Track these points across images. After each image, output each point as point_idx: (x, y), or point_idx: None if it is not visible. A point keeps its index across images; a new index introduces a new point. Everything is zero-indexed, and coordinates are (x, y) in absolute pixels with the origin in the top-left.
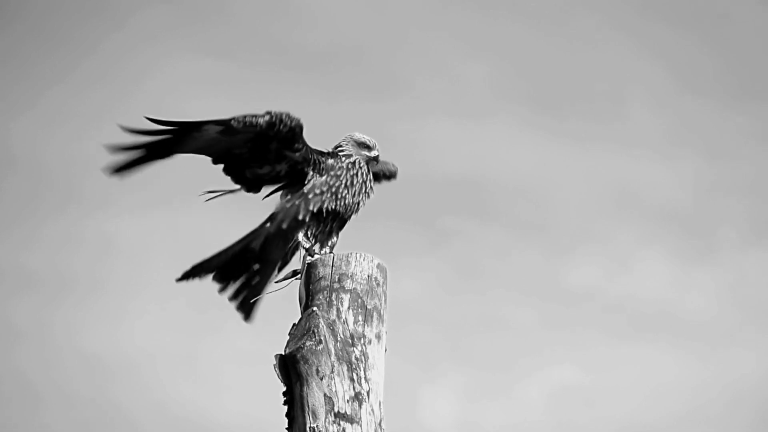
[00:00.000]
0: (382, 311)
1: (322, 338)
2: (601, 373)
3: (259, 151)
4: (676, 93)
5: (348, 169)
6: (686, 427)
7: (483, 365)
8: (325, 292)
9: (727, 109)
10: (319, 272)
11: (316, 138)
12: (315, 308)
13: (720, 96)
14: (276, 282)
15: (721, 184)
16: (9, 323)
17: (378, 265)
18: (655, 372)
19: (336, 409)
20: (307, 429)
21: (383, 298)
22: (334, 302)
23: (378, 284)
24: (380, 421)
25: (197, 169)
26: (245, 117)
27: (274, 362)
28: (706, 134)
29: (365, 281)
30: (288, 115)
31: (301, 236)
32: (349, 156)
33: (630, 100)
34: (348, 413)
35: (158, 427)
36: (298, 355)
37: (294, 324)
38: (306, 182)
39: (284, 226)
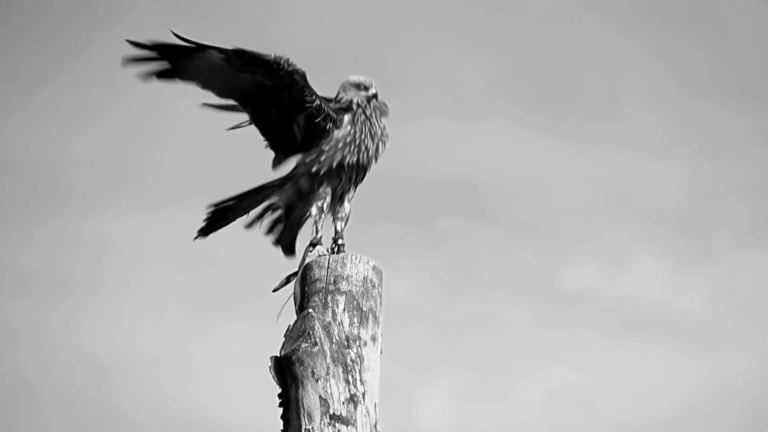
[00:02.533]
0: (377, 313)
1: (317, 340)
2: (597, 373)
3: (275, 102)
4: (673, 93)
5: (366, 119)
6: (681, 426)
7: (479, 366)
8: (321, 294)
9: (725, 110)
10: (314, 274)
11: None
12: (310, 310)
13: (718, 96)
14: (272, 291)
15: (718, 185)
16: (8, 324)
17: (374, 267)
18: (651, 372)
19: (331, 411)
20: (303, 431)
21: (379, 300)
22: (330, 304)
23: (373, 286)
24: (375, 423)
25: (194, 171)
26: (247, 50)
27: (270, 364)
28: (703, 135)
29: (361, 283)
30: (288, 60)
31: (314, 210)
32: (350, 102)
33: (627, 100)
34: (343, 415)
35: (157, 427)
36: (294, 357)
37: (289, 326)
38: (325, 137)
39: (302, 183)
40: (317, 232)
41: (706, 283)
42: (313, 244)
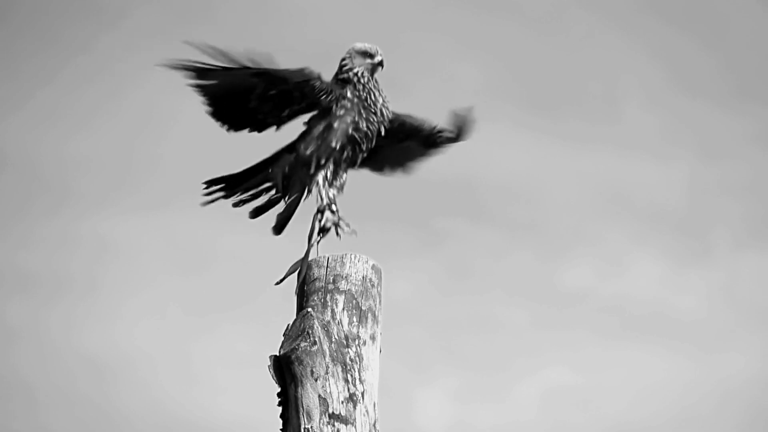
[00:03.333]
0: (376, 312)
1: (316, 339)
2: (595, 373)
3: (280, 98)
4: (672, 93)
5: (363, 87)
6: (679, 426)
7: (478, 366)
8: (320, 293)
9: (724, 110)
10: (313, 273)
11: None
12: (309, 309)
13: (717, 96)
14: (275, 284)
15: (717, 185)
16: (5, 323)
17: (373, 266)
18: (649, 372)
19: (330, 410)
20: (302, 430)
21: (378, 299)
22: (329, 303)
23: (373, 285)
24: (374, 422)
25: (193, 171)
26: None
27: (269, 363)
28: (702, 135)
29: (360, 282)
30: (313, 75)
31: (320, 178)
32: (353, 70)
33: (624, 100)
34: (342, 414)
35: (156, 427)
36: (293, 356)
37: (288, 325)
38: (332, 113)
39: (314, 159)
40: (322, 199)
41: (704, 284)
42: (320, 211)
